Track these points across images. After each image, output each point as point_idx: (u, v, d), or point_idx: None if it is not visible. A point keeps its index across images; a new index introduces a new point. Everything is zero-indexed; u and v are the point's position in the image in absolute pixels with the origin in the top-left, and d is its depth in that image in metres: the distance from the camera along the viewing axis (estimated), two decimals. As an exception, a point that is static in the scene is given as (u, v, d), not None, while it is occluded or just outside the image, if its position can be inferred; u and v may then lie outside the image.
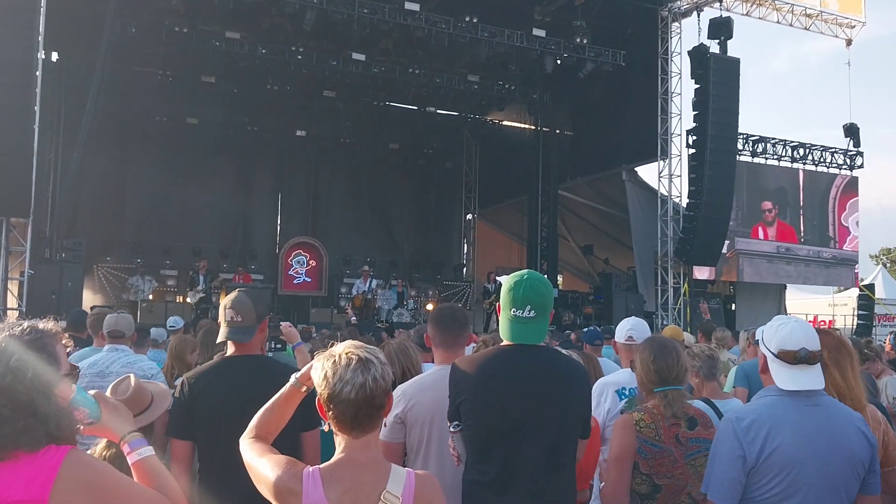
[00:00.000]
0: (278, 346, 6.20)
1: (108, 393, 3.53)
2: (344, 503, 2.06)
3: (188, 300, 17.91)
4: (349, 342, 2.22)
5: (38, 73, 13.75)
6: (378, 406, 2.13)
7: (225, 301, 3.59)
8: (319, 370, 2.14)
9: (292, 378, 2.42)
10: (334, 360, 2.12)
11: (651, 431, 3.27)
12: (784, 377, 2.85)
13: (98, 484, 1.94)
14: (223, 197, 22.98)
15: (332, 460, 2.14)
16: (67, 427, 2.00)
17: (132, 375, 3.58)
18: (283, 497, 2.08)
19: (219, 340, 3.59)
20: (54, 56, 18.60)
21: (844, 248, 22.49)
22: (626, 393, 4.26)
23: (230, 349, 3.55)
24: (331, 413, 2.12)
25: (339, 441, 2.16)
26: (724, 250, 19.29)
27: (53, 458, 1.89)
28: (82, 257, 16.77)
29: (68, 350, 2.15)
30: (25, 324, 2.04)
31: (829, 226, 22.28)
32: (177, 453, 3.35)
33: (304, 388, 2.39)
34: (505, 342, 3.02)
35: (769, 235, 21.14)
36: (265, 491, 2.13)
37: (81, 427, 2.14)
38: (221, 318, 3.55)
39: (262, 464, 2.17)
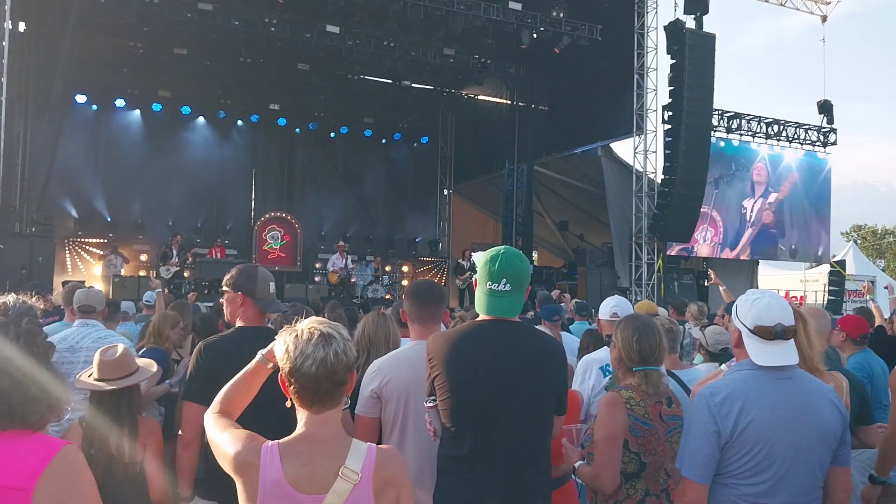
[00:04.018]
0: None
1: (96, 357, 3.65)
2: (301, 477, 2.06)
3: (161, 275, 17.75)
4: (313, 318, 2.22)
5: (4, 44, 13.51)
6: (339, 382, 2.13)
7: (262, 273, 3.66)
8: (281, 345, 2.15)
9: (258, 355, 2.43)
10: (296, 335, 2.13)
11: (641, 409, 3.27)
12: (760, 353, 2.86)
13: (79, 492, 1.88)
14: (197, 171, 22.71)
15: (291, 435, 2.14)
16: (63, 397, 1.97)
17: (121, 344, 3.67)
18: (242, 470, 2.08)
19: (272, 311, 3.74)
20: (21, 26, 18.21)
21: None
22: (611, 370, 4.27)
23: (256, 319, 3.62)
24: (292, 388, 2.12)
25: (300, 416, 2.16)
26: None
27: (46, 447, 1.83)
28: (52, 231, 16.56)
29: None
30: (13, 295, 2.00)
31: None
32: (194, 418, 3.27)
33: (270, 365, 2.39)
34: (481, 316, 3.02)
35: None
36: (225, 464, 2.13)
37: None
38: (263, 290, 3.60)
39: (223, 438, 2.17)
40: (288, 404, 2.18)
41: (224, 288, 3.68)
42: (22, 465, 1.77)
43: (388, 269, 22.31)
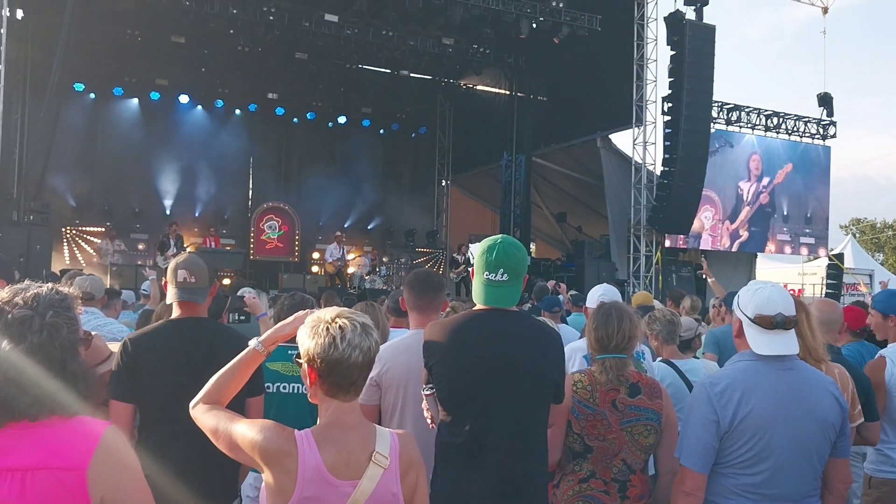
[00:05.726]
0: (242, 317, 6.10)
1: None
2: (337, 464, 2.09)
3: (159, 264, 17.73)
4: (337, 308, 2.20)
5: (2, 31, 13.47)
6: (370, 369, 2.19)
7: (176, 262, 3.49)
8: (323, 336, 2.10)
9: (254, 342, 2.39)
10: (341, 326, 2.11)
11: (586, 393, 3.31)
12: (760, 342, 2.86)
13: (129, 467, 1.91)
14: (194, 160, 22.66)
15: (322, 423, 2.15)
16: (95, 386, 1.98)
17: (94, 332, 3.56)
18: (277, 459, 2.06)
19: (169, 301, 3.49)
20: (19, 13, 18.12)
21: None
22: None
23: (175, 312, 3.47)
24: (330, 378, 2.11)
25: (327, 406, 2.16)
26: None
27: (91, 429, 1.86)
28: (50, 220, 16.54)
29: None
30: (49, 285, 2.00)
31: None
32: (118, 415, 3.21)
33: (266, 353, 2.39)
34: (478, 306, 3.01)
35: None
36: (252, 453, 2.09)
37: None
38: (170, 280, 3.46)
39: (240, 428, 2.13)
40: (311, 398, 2.18)
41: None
42: (72, 447, 1.82)
43: (385, 259, 22.31)
